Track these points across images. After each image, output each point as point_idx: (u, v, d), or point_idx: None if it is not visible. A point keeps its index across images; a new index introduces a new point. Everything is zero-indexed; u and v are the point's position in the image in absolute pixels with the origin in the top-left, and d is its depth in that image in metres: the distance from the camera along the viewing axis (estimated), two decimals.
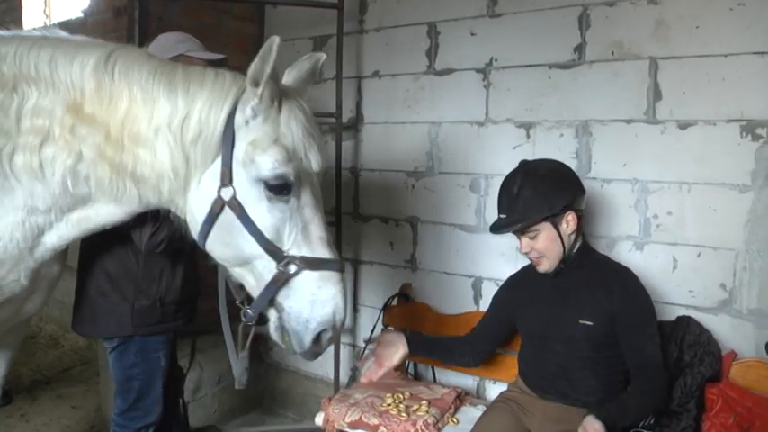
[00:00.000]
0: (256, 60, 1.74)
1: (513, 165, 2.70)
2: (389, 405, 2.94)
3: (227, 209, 1.83)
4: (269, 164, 1.79)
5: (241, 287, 2.01)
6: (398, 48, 3.79)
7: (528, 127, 3.32)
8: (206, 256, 2.01)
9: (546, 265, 2.61)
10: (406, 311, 3.63)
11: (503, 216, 2.61)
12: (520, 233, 2.59)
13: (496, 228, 2.63)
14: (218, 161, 1.83)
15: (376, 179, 3.96)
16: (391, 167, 3.87)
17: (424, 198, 3.74)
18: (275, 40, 1.71)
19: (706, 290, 2.87)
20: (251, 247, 1.84)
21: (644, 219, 3.01)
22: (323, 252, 1.88)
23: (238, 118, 1.81)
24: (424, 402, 2.96)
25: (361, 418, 2.89)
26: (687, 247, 2.91)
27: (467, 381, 3.52)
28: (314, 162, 1.89)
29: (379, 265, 3.98)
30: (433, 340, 3.00)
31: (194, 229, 1.91)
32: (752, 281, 2.76)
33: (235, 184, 1.82)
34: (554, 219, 2.53)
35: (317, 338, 1.90)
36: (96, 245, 2.44)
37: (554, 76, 3.23)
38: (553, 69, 3.23)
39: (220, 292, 2.23)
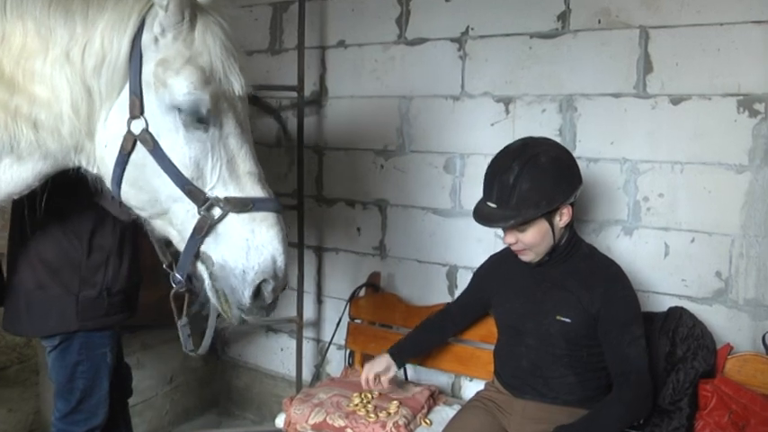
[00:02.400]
0: None
1: (491, 142, 2.69)
2: (357, 405, 2.93)
3: (139, 145, 1.73)
4: (183, 87, 1.69)
5: (167, 245, 1.92)
6: (366, 15, 3.74)
7: (507, 101, 3.29)
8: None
9: (530, 257, 2.56)
10: (374, 303, 3.61)
11: (491, 204, 2.49)
12: None
13: (485, 219, 2.51)
14: (127, 90, 1.72)
15: (341, 158, 3.93)
16: (358, 145, 3.84)
17: (394, 179, 3.71)
18: None
19: (700, 278, 2.87)
20: (168, 188, 1.74)
21: (633, 201, 3.00)
22: (253, 189, 1.78)
23: (146, 37, 1.70)
24: (395, 402, 2.95)
25: (325, 419, 2.87)
26: (680, 232, 2.90)
27: (441, 378, 3.52)
28: (236, 84, 1.79)
29: (345, 252, 3.96)
30: (414, 344, 3.04)
31: (107, 175, 1.80)
32: (749, 268, 2.76)
33: (146, 114, 1.72)
34: (549, 213, 2.46)
35: (258, 292, 1.79)
36: (30, 230, 2.38)
37: (536, 46, 3.20)
38: (535, 39, 3.20)
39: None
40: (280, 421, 3.05)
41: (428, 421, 2.94)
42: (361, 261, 3.87)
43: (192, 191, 1.73)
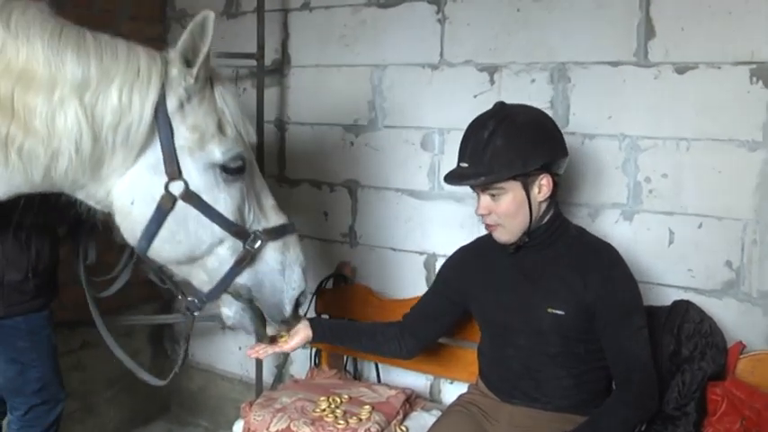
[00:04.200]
0: (186, 37, 1.87)
1: (474, 116, 2.62)
2: (324, 411, 2.91)
3: (180, 203, 1.97)
4: (223, 147, 1.98)
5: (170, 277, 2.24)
6: None
7: (492, 70, 3.25)
8: None
9: (505, 236, 2.52)
10: (343, 296, 3.60)
11: (464, 165, 2.50)
12: (480, 189, 2.48)
13: (454, 178, 2.53)
14: (152, 152, 1.93)
15: (306, 134, 3.90)
16: (325, 120, 3.81)
17: (366, 157, 3.68)
18: (210, 16, 1.84)
19: (708, 268, 2.83)
20: (213, 234, 2.04)
21: (634, 183, 2.97)
22: (278, 219, 2.17)
23: (171, 103, 1.91)
24: (367, 407, 2.94)
25: (289, 426, 2.84)
26: (686, 216, 2.87)
27: (418, 381, 3.51)
28: (252, 133, 2.12)
29: (311, 239, 3.89)
30: (344, 323, 3.00)
31: (133, 231, 2.03)
32: (762, 257, 2.72)
33: (184, 175, 1.96)
34: (525, 179, 2.43)
35: (296, 304, 2.24)
36: None
37: (524, 8, 3.15)
38: (523, 0, 3.15)
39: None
40: (238, 428, 3.04)
41: (404, 428, 2.92)
42: (329, 249, 3.84)
43: (239, 231, 2.07)
